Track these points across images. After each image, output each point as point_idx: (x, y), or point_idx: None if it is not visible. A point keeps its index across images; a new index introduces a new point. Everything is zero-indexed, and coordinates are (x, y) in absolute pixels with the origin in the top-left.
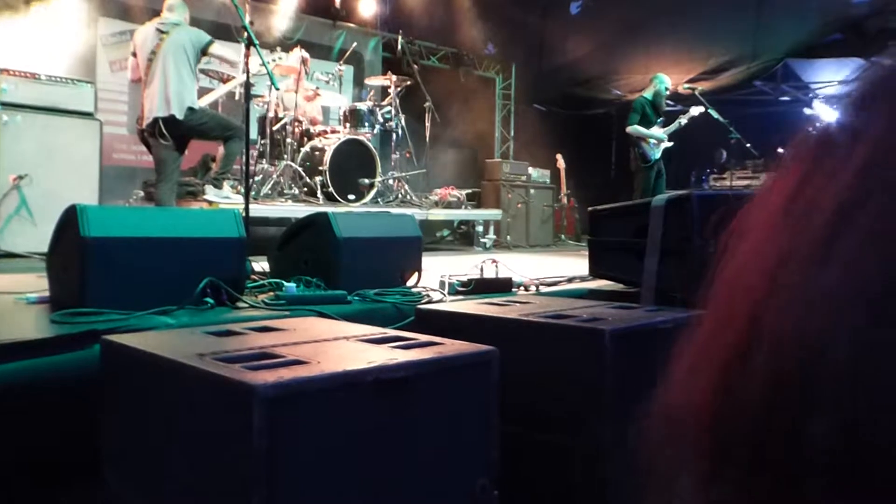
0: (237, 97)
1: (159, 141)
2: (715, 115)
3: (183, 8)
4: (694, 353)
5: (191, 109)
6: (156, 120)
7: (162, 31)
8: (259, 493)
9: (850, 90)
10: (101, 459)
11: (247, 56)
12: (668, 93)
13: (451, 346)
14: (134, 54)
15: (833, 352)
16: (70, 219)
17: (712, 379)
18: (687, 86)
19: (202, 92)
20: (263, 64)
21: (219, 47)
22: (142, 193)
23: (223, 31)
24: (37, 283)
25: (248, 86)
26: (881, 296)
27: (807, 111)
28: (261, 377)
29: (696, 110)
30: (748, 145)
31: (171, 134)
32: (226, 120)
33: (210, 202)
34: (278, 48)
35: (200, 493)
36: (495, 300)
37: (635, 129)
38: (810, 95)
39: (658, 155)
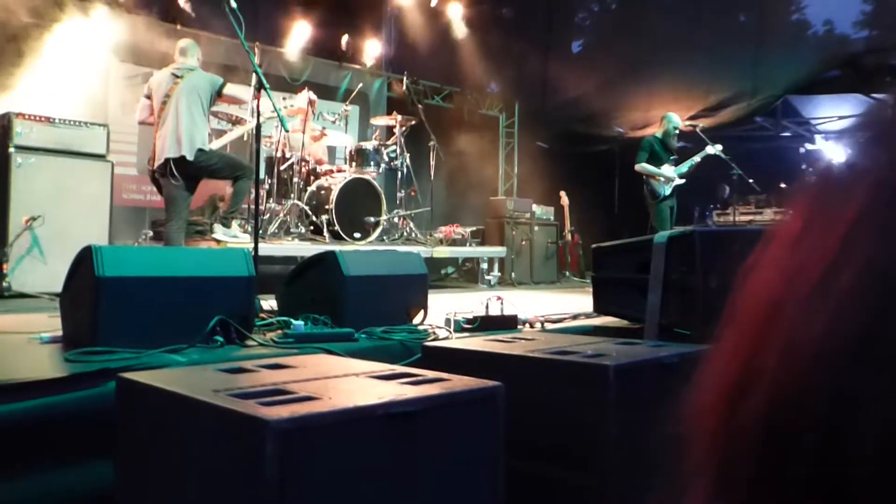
0: (245, 138)
1: (170, 181)
2: (717, 151)
3: (195, 49)
4: (703, 385)
5: (201, 150)
6: (167, 160)
7: (177, 76)
8: None
9: (852, 130)
10: (117, 494)
11: (257, 98)
12: (677, 131)
13: (458, 382)
14: (148, 97)
15: (817, 395)
16: (85, 258)
17: (718, 410)
18: (688, 123)
19: (215, 134)
20: (275, 108)
21: (231, 88)
22: (150, 233)
23: (232, 73)
24: (49, 323)
25: (258, 127)
26: (866, 337)
27: (807, 146)
28: (275, 412)
29: (710, 149)
30: (751, 181)
31: (182, 174)
32: (235, 160)
33: (218, 241)
34: (284, 98)
35: None
36: (500, 337)
37: (642, 166)
38: (811, 131)
39: (668, 191)
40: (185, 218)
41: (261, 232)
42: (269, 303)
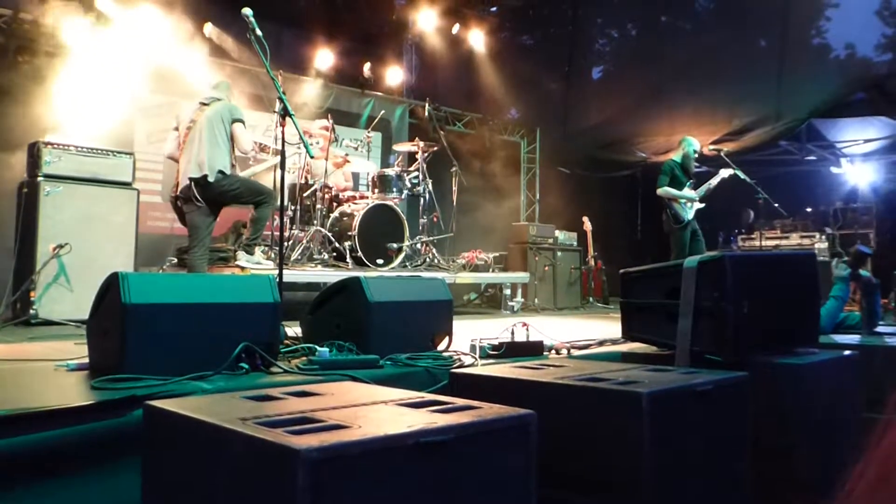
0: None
1: (193, 204)
2: (742, 175)
3: (227, 87)
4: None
5: (222, 173)
6: (190, 181)
7: (203, 104)
8: None
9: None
10: None
11: (282, 125)
12: (696, 155)
13: (490, 410)
14: (176, 128)
15: None
16: (111, 285)
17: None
18: (712, 147)
19: (240, 165)
20: (300, 135)
21: (239, 129)
22: (175, 260)
23: (255, 102)
24: (75, 350)
25: (283, 154)
26: None
27: (833, 170)
28: (304, 441)
29: (725, 172)
30: (776, 205)
31: (204, 197)
32: (257, 185)
33: (242, 268)
34: (309, 130)
35: None
36: (528, 363)
37: (665, 190)
38: (836, 154)
39: (691, 215)
40: (207, 245)
41: (284, 258)
42: (293, 329)
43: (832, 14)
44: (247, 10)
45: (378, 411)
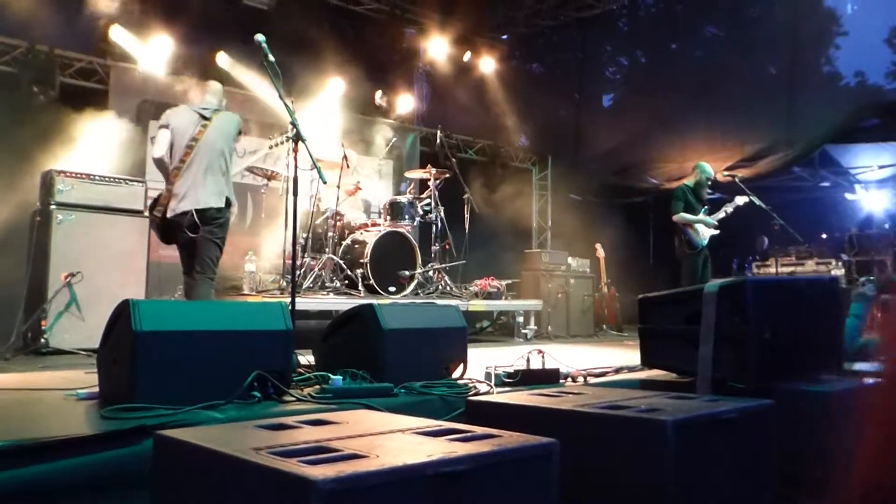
0: (280, 192)
1: (203, 230)
2: (757, 201)
3: (221, 93)
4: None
5: (228, 200)
6: (210, 209)
7: (204, 118)
8: None
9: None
10: None
11: (295, 151)
12: (710, 182)
13: (510, 439)
14: (166, 126)
15: None
16: (122, 313)
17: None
18: (727, 173)
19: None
20: (314, 163)
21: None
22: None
23: (267, 130)
24: (85, 379)
25: (295, 181)
26: None
27: (848, 196)
28: (320, 471)
29: (741, 199)
30: (791, 231)
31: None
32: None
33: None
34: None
35: None
36: (546, 391)
37: (682, 216)
38: (850, 180)
39: (705, 242)
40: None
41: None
42: (305, 358)
43: (841, 42)
44: (259, 37)
45: (395, 440)
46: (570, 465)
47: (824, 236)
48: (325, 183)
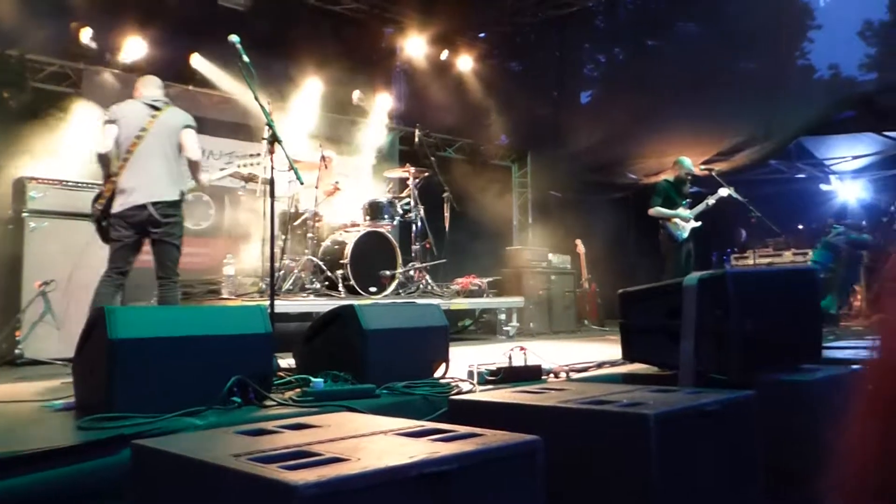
0: (258, 193)
1: (168, 230)
2: (735, 195)
3: (161, 86)
4: (866, 398)
5: (182, 193)
6: (163, 202)
7: (156, 108)
8: None
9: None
10: None
11: (271, 153)
12: (690, 177)
13: (494, 437)
14: (112, 122)
15: None
16: (98, 321)
17: (882, 423)
18: (703, 167)
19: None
20: (290, 163)
21: (192, 135)
22: None
23: (245, 132)
24: (62, 390)
25: (272, 183)
26: None
27: (823, 187)
28: (301, 476)
29: (723, 192)
30: (769, 223)
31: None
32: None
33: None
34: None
35: None
36: (529, 388)
37: (657, 210)
38: (825, 171)
39: (685, 235)
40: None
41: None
42: (286, 361)
43: (815, 35)
44: (233, 37)
45: (377, 442)
46: (555, 461)
47: (801, 227)
48: (301, 184)
